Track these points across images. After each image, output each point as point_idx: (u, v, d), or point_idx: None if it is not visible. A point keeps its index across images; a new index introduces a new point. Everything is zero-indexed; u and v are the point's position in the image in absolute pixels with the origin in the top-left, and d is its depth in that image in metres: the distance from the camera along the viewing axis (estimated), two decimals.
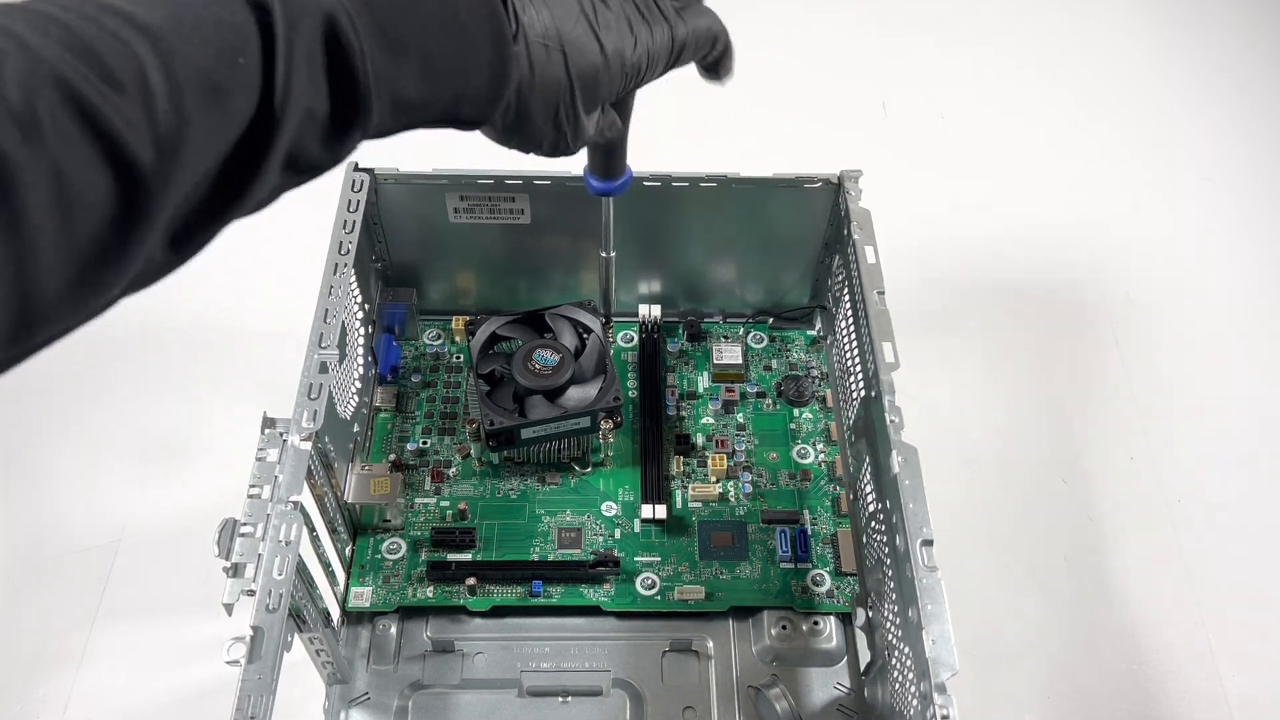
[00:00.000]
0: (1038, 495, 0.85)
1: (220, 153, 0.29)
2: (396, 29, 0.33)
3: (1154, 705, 0.74)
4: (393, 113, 0.34)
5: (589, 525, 0.71)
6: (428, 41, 0.34)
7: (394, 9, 0.33)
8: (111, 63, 0.26)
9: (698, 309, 0.83)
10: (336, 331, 0.63)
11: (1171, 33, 1.29)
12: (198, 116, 0.28)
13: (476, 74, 0.36)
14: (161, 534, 0.80)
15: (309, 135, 0.32)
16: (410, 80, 0.34)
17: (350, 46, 0.31)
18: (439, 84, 0.35)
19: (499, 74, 0.37)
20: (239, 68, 0.29)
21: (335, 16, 0.31)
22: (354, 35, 0.31)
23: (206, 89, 0.28)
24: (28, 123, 0.24)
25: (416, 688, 0.65)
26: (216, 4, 0.29)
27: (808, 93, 1.18)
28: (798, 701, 0.65)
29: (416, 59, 0.34)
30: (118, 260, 0.27)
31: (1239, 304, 1.00)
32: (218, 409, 0.87)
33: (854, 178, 0.72)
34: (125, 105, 0.26)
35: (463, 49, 0.35)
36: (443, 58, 0.35)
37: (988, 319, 0.98)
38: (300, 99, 0.30)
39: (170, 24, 0.28)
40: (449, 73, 0.35)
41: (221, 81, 0.28)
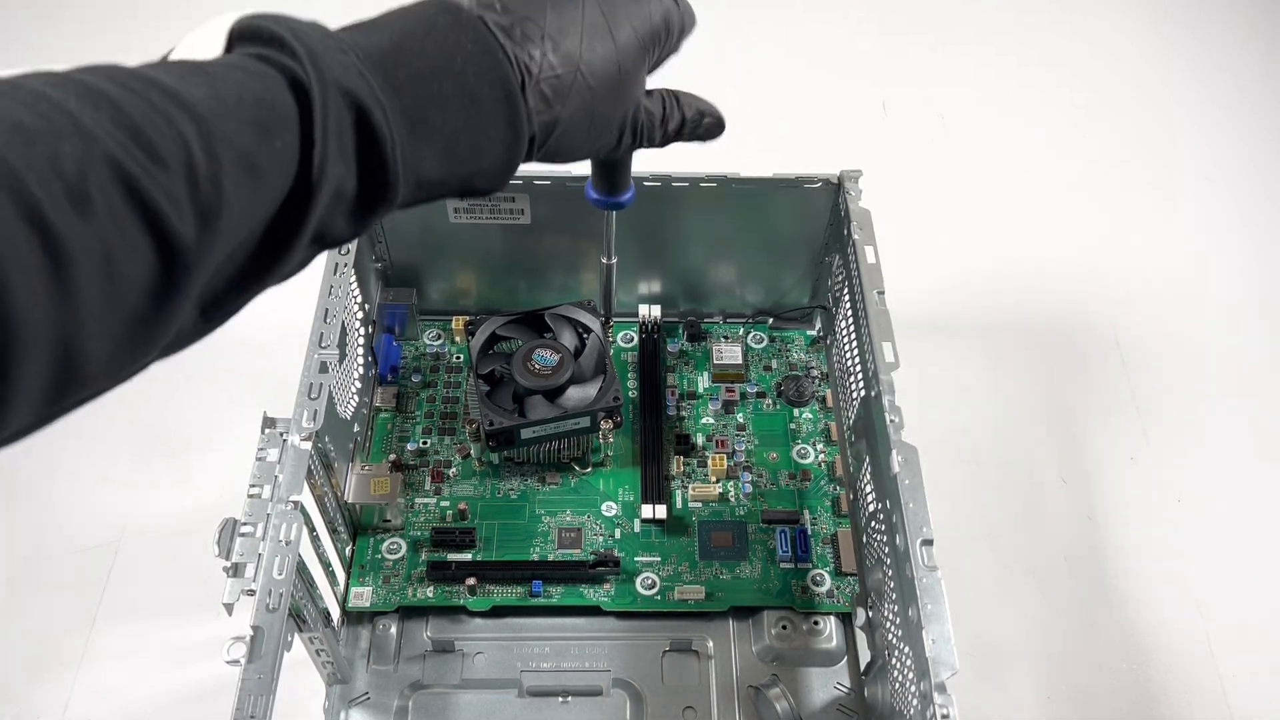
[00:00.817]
0: (1038, 495, 0.85)
1: (254, 229, 0.30)
2: (421, 113, 0.34)
3: (1154, 705, 0.74)
4: (415, 191, 0.35)
5: (589, 525, 0.71)
6: (449, 124, 0.35)
7: (419, 94, 0.34)
8: (158, 141, 0.26)
9: (698, 309, 0.83)
10: (336, 331, 0.63)
11: (1171, 32, 1.29)
12: (236, 194, 0.28)
13: (492, 151, 0.37)
14: (161, 534, 0.79)
15: (337, 213, 0.33)
16: (432, 162, 0.35)
17: (381, 133, 0.32)
18: (458, 163, 0.36)
19: (512, 149, 0.38)
20: (276, 150, 0.30)
21: (366, 104, 0.32)
22: (384, 122, 0.32)
23: (245, 168, 0.29)
24: (81, 200, 0.25)
25: (416, 688, 0.65)
26: (257, 82, 0.30)
27: (808, 93, 1.18)
28: (798, 701, 0.65)
29: (439, 142, 0.35)
30: (154, 330, 0.28)
31: (1239, 303, 1.00)
32: (218, 409, 0.87)
33: (854, 178, 0.72)
34: (170, 182, 0.27)
35: (480, 129, 0.36)
36: (462, 139, 0.36)
37: (987, 319, 0.98)
38: (331, 180, 0.31)
39: (213, 103, 0.28)
40: (468, 152, 0.36)
41: (259, 162, 0.29)
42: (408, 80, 0.34)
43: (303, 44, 0.31)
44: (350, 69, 0.32)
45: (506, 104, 0.36)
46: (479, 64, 0.36)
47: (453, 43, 0.35)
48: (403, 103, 0.33)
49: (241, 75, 0.30)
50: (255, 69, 0.31)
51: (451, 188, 0.37)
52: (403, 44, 0.34)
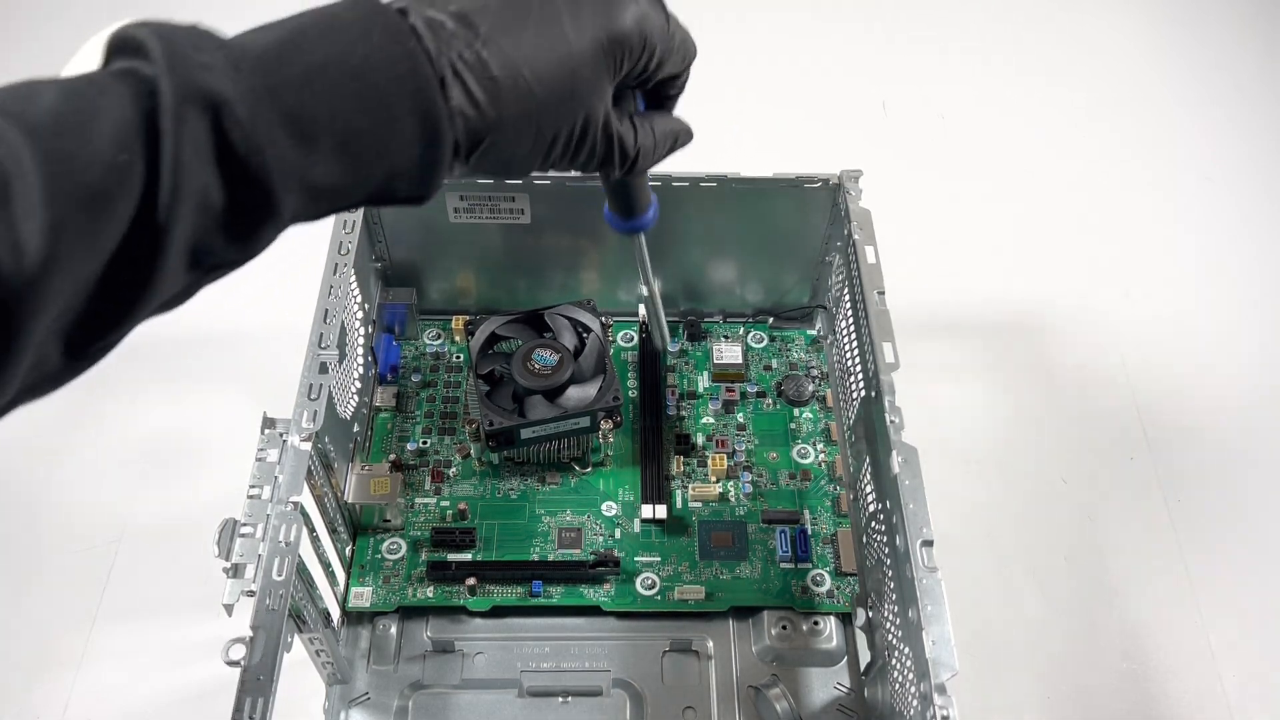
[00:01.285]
0: (1038, 495, 0.85)
1: (103, 256, 0.28)
2: (303, 111, 0.31)
3: (1154, 705, 0.74)
4: (310, 201, 0.32)
5: (589, 525, 0.71)
6: (342, 125, 0.32)
7: (303, 92, 0.31)
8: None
9: (698, 309, 0.83)
10: (336, 331, 0.63)
11: (1171, 32, 1.29)
12: (74, 222, 0.27)
13: (404, 151, 0.33)
14: (161, 534, 0.80)
15: (209, 231, 0.30)
16: (325, 166, 0.32)
17: (246, 139, 0.30)
18: (360, 166, 0.33)
19: (430, 152, 0.34)
20: (121, 166, 0.28)
21: (228, 104, 0.29)
22: (250, 125, 0.30)
23: (85, 193, 0.27)
24: None
25: (416, 688, 0.65)
26: (104, 94, 0.28)
27: (808, 93, 1.18)
28: (798, 702, 0.65)
29: (329, 142, 0.32)
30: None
31: (1239, 303, 1.00)
32: (218, 409, 0.87)
33: (854, 178, 0.72)
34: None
35: (385, 127, 0.33)
36: (362, 140, 0.32)
37: (987, 319, 0.98)
38: (191, 195, 0.29)
39: (52, 121, 0.27)
40: (372, 155, 0.33)
41: (101, 183, 0.27)
42: (293, 79, 0.31)
43: (165, 50, 0.29)
44: (214, 70, 0.29)
45: (415, 99, 0.33)
46: (384, 57, 0.32)
47: (356, 36, 0.32)
48: (281, 103, 0.31)
49: (88, 88, 0.28)
50: (106, 82, 0.28)
51: (364, 194, 0.34)
52: (295, 40, 0.32)
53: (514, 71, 0.35)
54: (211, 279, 0.32)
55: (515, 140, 0.36)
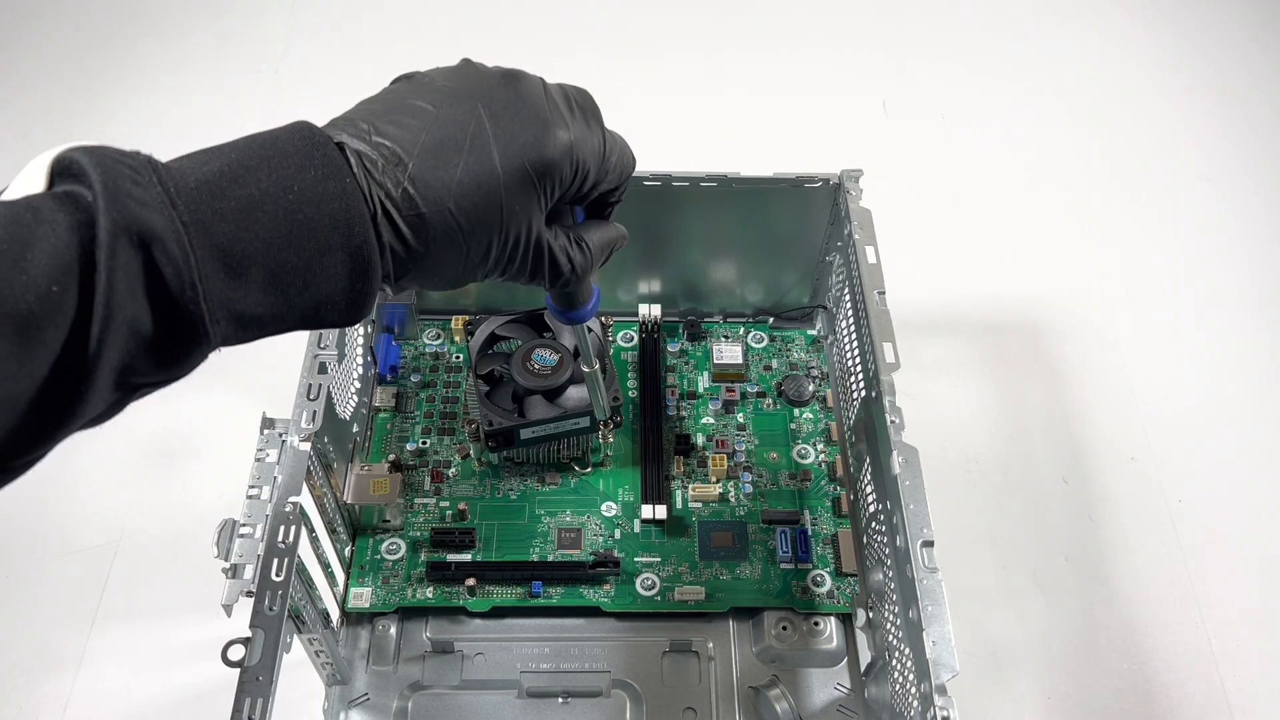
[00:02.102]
0: (1038, 495, 0.85)
1: (32, 380, 0.28)
2: (238, 247, 0.32)
3: (1154, 705, 0.74)
4: (238, 329, 0.33)
5: (589, 526, 0.71)
6: (272, 258, 0.32)
7: (235, 227, 0.32)
8: None
9: (698, 309, 0.83)
10: (335, 332, 0.63)
11: (1171, 31, 1.28)
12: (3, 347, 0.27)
13: (334, 283, 0.34)
14: (161, 534, 0.79)
15: (137, 356, 0.30)
16: (254, 298, 0.33)
17: (180, 275, 0.30)
18: (289, 298, 0.33)
19: (359, 282, 0.35)
20: (53, 296, 0.28)
21: (161, 240, 0.30)
22: (183, 261, 0.30)
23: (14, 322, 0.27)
24: None
25: (416, 688, 0.65)
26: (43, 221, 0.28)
27: (808, 93, 1.17)
28: (798, 702, 0.65)
29: (259, 277, 0.32)
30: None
31: (1239, 303, 0.99)
32: (218, 409, 0.87)
33: (854, 178, 0.72)
34: None
35: (314, 261, 0.33)
36: (290, 272, 0.33)
37: (988, 319, 0.97)
38: (122, 325, 0.29)
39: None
40: (300, 287, 0.33)
41: (32, 311, 0.28)
42: (227, 212, 0.32)
43: (103, 180, 0.29)
44: (150, 203, 0.30)
45: (346, 235, 0.34)
46: (319, 193, 0.33)
47: (292, 171, 0.33)
48: (214, 237, 0.31)
49: (29, 217, 0.28)
50: (46, 210, 0.29)
51: (292, 323, 0.35)
52: (233, 172, 0.32)
53: (440, 207, 0.36)
54: (138, 397, 0.33)
55: (442, 265, 0.37)
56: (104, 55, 1.18)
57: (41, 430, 0.30)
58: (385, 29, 1.22)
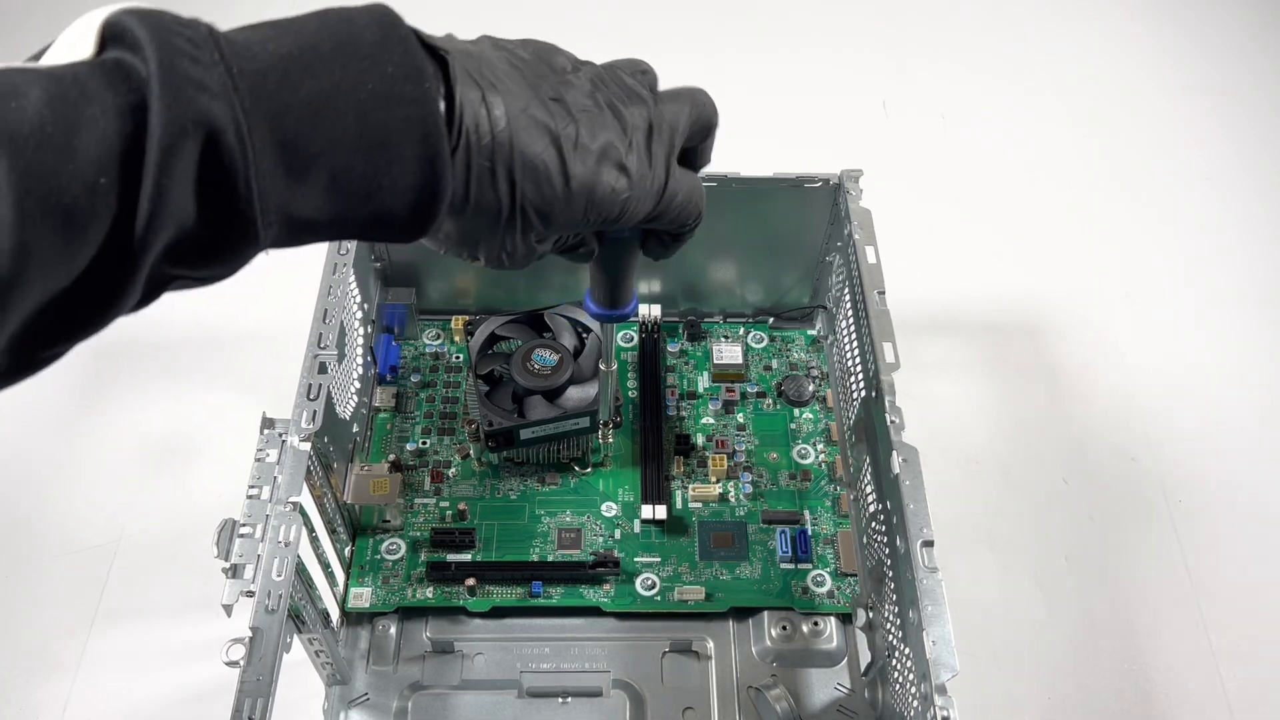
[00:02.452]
0: (1038, 495, 0.85)
1: (71, 274, 0.27)
2: (300, 145, 0.29)
3: (1154, 705, 0.74)
4: (290, 233, 0.31)
5: (589, 526, 0.71)
6: (337, 160, 0.30)
7: (302, 123, 0.29)
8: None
9: (698, 309, 0.83)
10: (336, 331, 0.63)
11: (1171, 31, 1.28)
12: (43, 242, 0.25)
13: (397, 198, 0.32)
14: (161, 534, 0.79)
15: (181, 252, 0.29)
16: (312, 202, 0.30)
17: (233, 169, 0.28)
18: (348, 205, 0.31)
19: (427, 201, 0.32)
20: (99, 188, 0.26)
21: (221, 133, 0.27)
22: (239, 155, 0.28)
23: (59, 214, 0.25)
24: None
25: (416, 688, 0.65)
26: (94, 102, 0.26)
27: (808, 93, 1.17)
28: (798, 702, 0.65)
29: (321, 179, 0.30)
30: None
31: (1239, 303, 0.99)
32: (218, 409, 0.87)
33: (854, 178, 0.72)
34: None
35: (382, 170, 0.31)
36: (355, 178, 0.31)
37: (988, 319, 0.97)
38: (169, 219, 0.27)
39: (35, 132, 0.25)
40: (362, 195, 0.31)
41: (77, 204, 0.26)
42: (294, 105, 0.29)
43: (159, 54, 0.27)
44: (211, 89, 0.27)
45: (420, 145, 0.31)
46: (396, 94, 0.30)
47: (370, 61, 0.30)
48: (277, 132, 0.29)
49: (76, 94, 0.26)
50: (95, 87, 0.26)
51: (346, 232, 0.32)
52: (304, 58, 0.29)
53: (509, 173, 0.34)
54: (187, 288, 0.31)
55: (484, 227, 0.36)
56: None
57: (76, 322, 0.28)
58: None
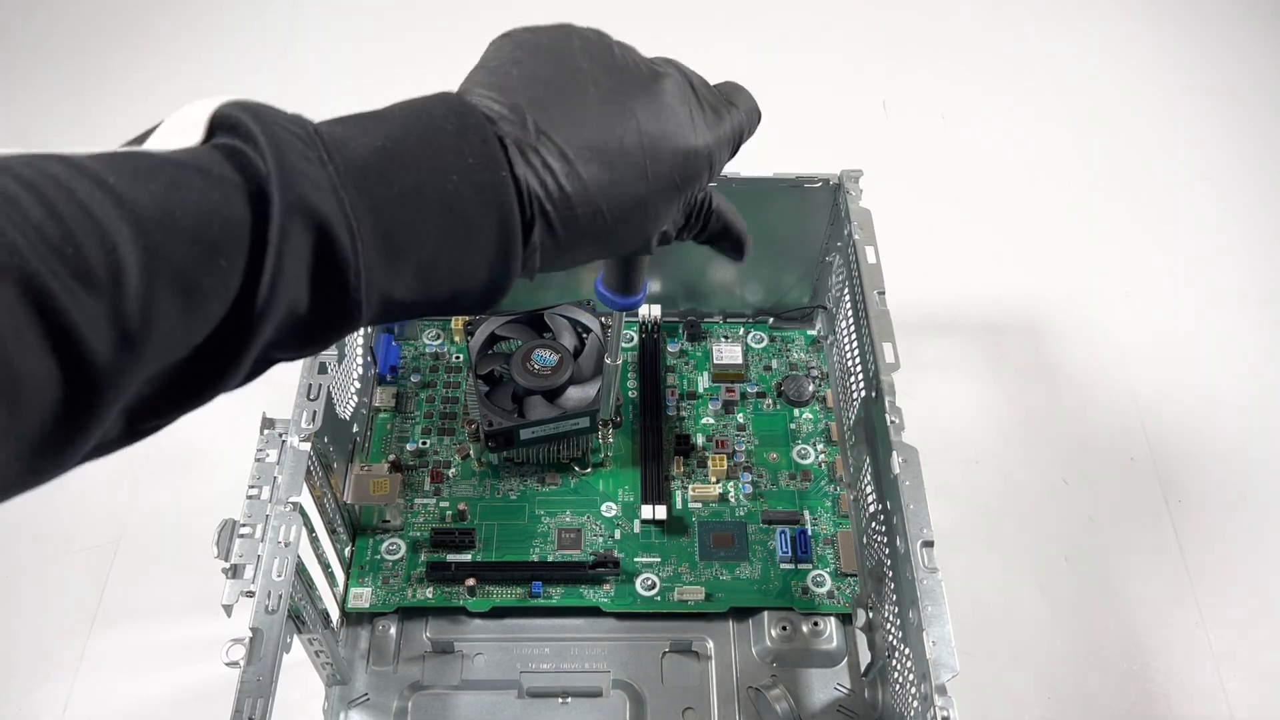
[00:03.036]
0: (1038, 495, 0.85)
1: (187, 349, 0.28)
2: (397, 234, 0.31)
3: (1154, 705, 0.74)
4: (384, 313, 0.32)
5: (589, 526, 0.71)
6: (428, 247, 0.32)
7: (398, 213, 0.31)
8: (90, 255, 0.24)
9: (698, 309, 0.83)
10: None
11: (1171, 31, 1.28)
12: (166, 315, 0.26)
13: (476, 275, 0.33)
14: (161, 534, 0.79)
15: (287, 334, 0.30)
16: (405, 284, 0.32)
17: (344, 261, 0.29)
18: (435, 286, 0.33)
19: (499, 277, 0.34)
20: (221, 270, 0.27)
21: (331, 225, 0.29)
22: (349, 249, 0.29)
23: (183, 292, 0.26)
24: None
25: (416, 689, 0.65)
26: (215, 192, 0.27)
27: (808, 93, 1.17)
28: (798, 702, 0.65)
29: (414, 264, 0.32)
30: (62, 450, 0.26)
31: (1239, 303, 0.99)
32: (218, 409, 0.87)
33: (854, 178, 0.72)
34: (91, 302, 0.24)
35: (465, 253, 0.33)
36: (443, 263, 0.32)
37: (988, 319, 0.97)
38: (281, 306, 0.28)
39: (158, 213, 0.26)
40: (448, 276, 0.33)
41: (200, 285, 0.27)
42: (389, 200, 0.31)
43: (274, 149, 0.28)
44: (322, 185, 0.29)
45: (500, 231, 0.33)
46: (477, 183, 0.32)
47: (451, 156, 0.32)
48: (378, 224, 0.30)
49: (200, 181, 0.27)
50: (218, 174, 0.27)
51: (427, 310, 0.34)
52: (393, 152, 0.31)
53: (594, 208, 0.35)
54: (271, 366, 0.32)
55: (576, 259, 0.37)
56: (104, 54, 1.18)
57: (185, 399, 0.29)
58: (387, 28, 1.22)
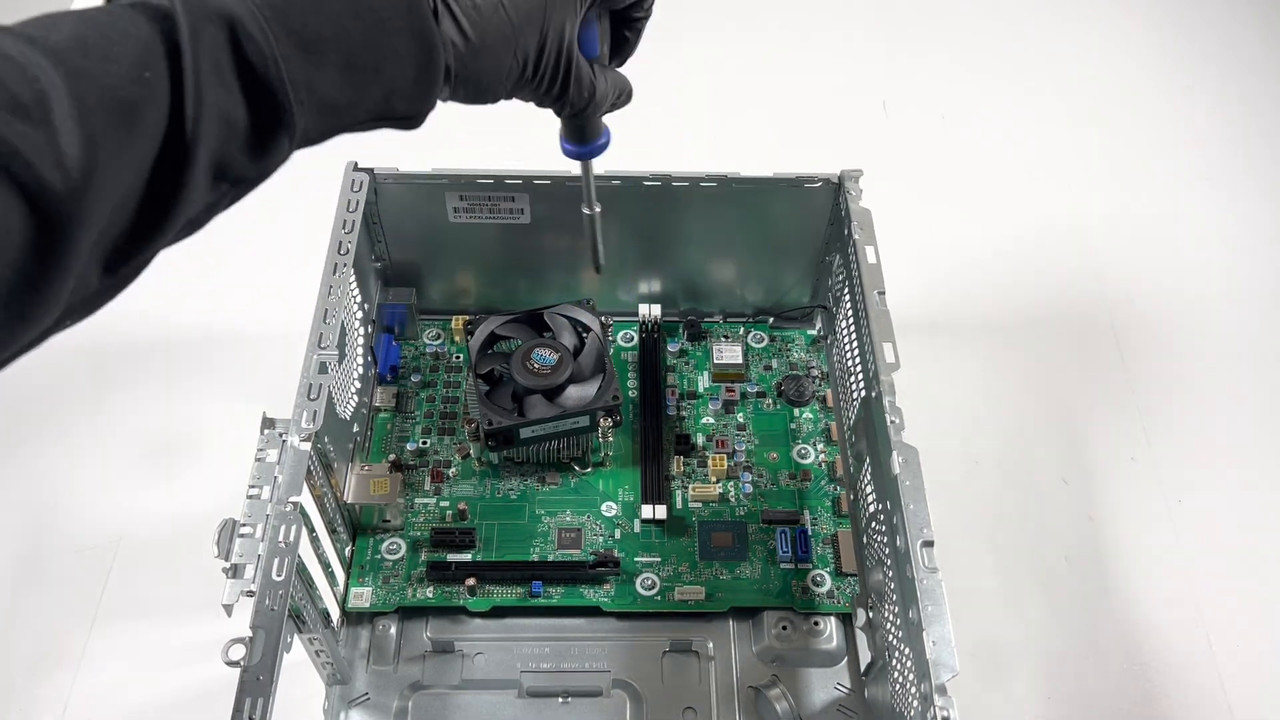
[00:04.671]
0: (1038, 495, 0.85)
1: (139, 170, 0.29)
2: (309, 28, 0.33)
3: (1154, 705, 0.74)
4: (319, 116, 0.34)
5: (589, 525, 0.71)
6: (344, 39, 0.34)
7: (308, 12, 0.33)
8: (16, 89, 0.26)
9: (698, 309, 0.83)
10: (336, 331, 0.63)
11: (1171, 31, 1.28)
12: (108, 136, 0.28)
13: (401, 68, 0.35)
14: (161, 534, 0.79)
15: (232, 145, 0.31)
16: (332, 81, 0.34)
17: (261, 51, 0.31)
18: (363, 82, 0.35)
19: (425, 65, 0.36)
20: (146, 82, 0.29)
21: (240, 21, 0.31)
22: (263, 39, 0.31)
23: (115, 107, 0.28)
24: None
25: (416, 688, 0.65)
26: (121, 19, 0.29)
27: (808, 93, 1.17)
28: (798, 702, 0.65)
29: (335, 58, 0.33)
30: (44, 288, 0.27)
31: (1239, 303, 0.99)
32: (218, 409, 0.87)
33: (854, 178, 0.72)
34: (31, 132, 0.26)
35: (382, 43, 0.35)
36: (362, 54, 0.34)
37: (988, 319, 0.97)
38: (213, 108, 0.30)
39: (74, 44, 0.28)
40: (372, 70, 0.35)
41: (129, 97, 0.28)
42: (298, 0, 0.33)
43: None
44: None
45: (409, 15, 0.35)
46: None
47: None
48: (289, 20, 0.32)
49: (105, 16, 0.29)
50: (120, 9, 0.30)
51: (366, 112, 0.36)
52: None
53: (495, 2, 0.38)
54: (230, 199, 0.34)
55: (493, 63, 0.39)
56: None
57: (148, 228, 0.30)
58: None
